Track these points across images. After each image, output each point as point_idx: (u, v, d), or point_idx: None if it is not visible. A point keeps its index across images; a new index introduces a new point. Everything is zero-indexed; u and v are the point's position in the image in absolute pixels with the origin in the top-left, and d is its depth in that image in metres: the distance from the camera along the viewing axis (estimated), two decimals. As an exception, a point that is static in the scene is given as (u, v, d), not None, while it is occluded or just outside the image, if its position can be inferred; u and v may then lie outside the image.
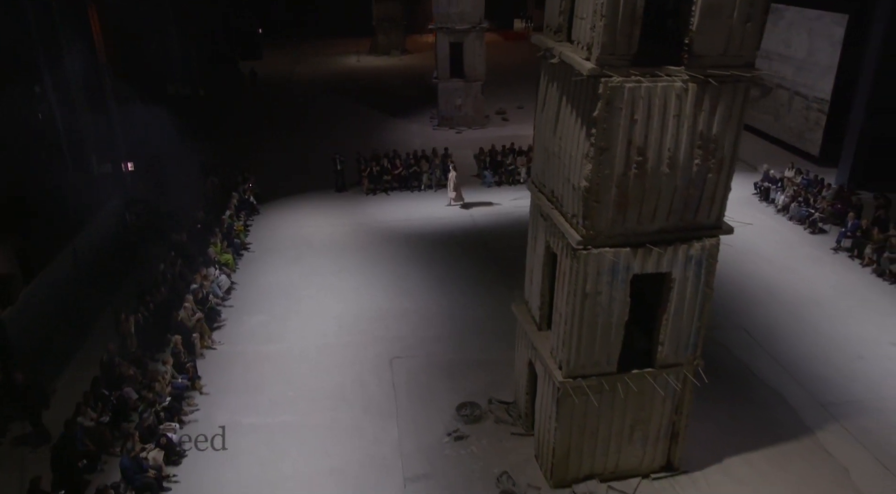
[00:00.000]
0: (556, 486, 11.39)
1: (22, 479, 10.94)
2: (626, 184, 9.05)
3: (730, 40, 8.54)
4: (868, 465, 12.00)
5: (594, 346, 10.16)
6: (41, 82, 18.16)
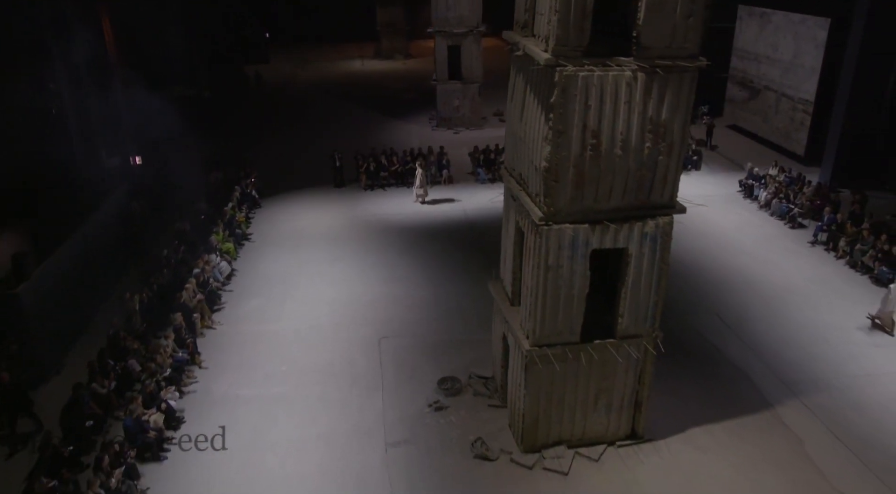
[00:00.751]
0: (526, 451, 12.22)
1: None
2: (582, 164, 9.93)
3: (674, 33, 9.42)
4: (821, 437, 12.77)
5: (558, 316, 11.02)
6: (56, 80, 19.27)
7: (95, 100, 20.53)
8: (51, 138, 17.43)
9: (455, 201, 24.23)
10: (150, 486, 11.55)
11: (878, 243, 18.64)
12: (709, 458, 12.27)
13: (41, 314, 14.00)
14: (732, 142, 30.78)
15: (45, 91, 18.64)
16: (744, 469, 12.02)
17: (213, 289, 17.26)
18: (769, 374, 14.61)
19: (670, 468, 12.05)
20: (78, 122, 18.80)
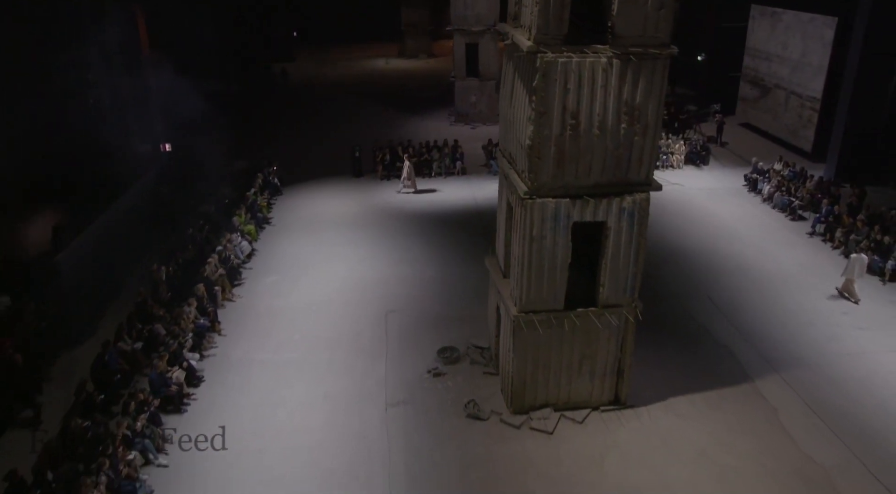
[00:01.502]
0: (515, 412, 13.19)
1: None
2: (563, 143, 10.90)
3: (646, 23, 10.35)
4: (796, 407, 13.53)
5: (542, 285, 11.99)
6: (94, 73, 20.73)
7: (129, 91, 21.95)
8: (88, 125, 18.83)
9: (467, 191, 25.24)
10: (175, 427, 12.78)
11: (872, 233, 19.24)
12: (686, 424, 13.12)
13: (76, 281, 15.33)
14: (743, 139, 31.33)
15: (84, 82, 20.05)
16: (719, 434, 12.84)
17: (233, 266, 18.51)
18: (752, 352, 15.38)
19: (649, 432, 12.92)
20: (113, 112, 20.22)
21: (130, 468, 11.26)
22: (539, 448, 12.51)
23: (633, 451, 12.43)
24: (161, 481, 11.71)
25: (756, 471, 11.89)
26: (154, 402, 12.83)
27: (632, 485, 11.61)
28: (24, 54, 16.21)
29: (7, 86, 15.55)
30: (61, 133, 17.17)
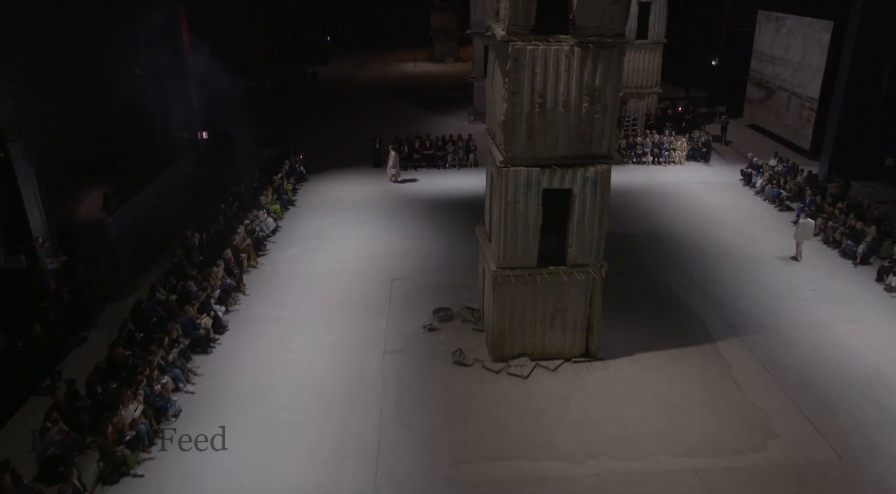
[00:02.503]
0: (495, 360, 15.00)
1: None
2: (532, 119, 12.75)
3: (603, 17, 12.16)
4: (749, 364, 15.08)
5: (517, 244, 13.82)
6: (141, 67, 23.23)
7: (172, 83, 24.41)
8: (136, 111, 21.28)
9: (477, 180, 27.10)
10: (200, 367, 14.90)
11: (848, 220, 20.59)
12: (648, 374, 14.77)
13: (122, 243, 17.64)
14: (748, 138, 32.63)
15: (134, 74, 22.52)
16: (675, 382, 14.48)
17: (259, 238, 20.70)
18: (719, 319, 16.94)
19: (613, 378, 14.62)
20: (158, 101, 22.65)
21: (163, 389, 13.38)
22: (513, 388, 14.31)
23: (596, 393, 14.14)
24: (188, 404, 13.80)
25: (702, 411, 13.51)
26: (184, 341, 14.96)
27: (590, 419, 13.33)
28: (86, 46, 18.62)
29: (72, 75, 17.98)
30: (114, 116, 19.60)
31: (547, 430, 13.03)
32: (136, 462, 11.94)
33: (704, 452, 12.42)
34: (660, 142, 29.31)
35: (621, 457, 12.30)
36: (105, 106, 19.04)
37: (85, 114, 18.08)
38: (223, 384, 14.54)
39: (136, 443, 12.10)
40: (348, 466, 12.13)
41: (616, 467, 12.09)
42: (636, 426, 13.12)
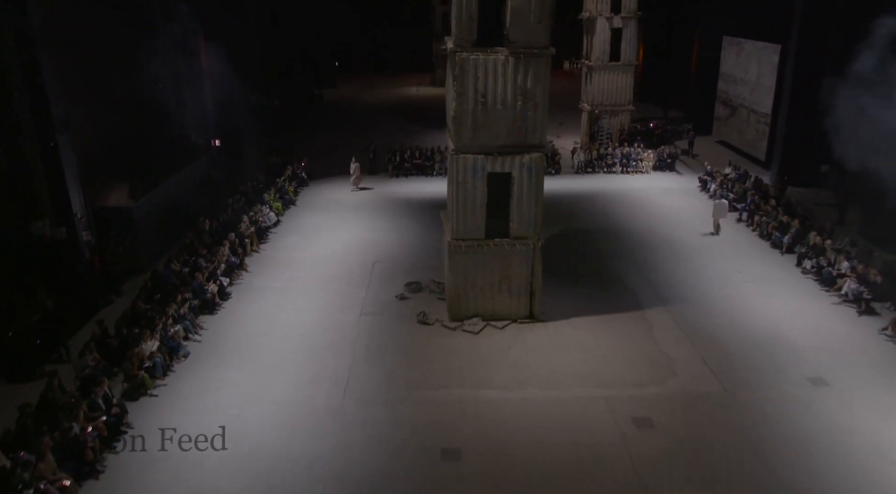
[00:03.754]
0: (452, 320, 17.82)
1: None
2: (476, 114, 15.79)
3: (531, 32, 15.24)
4: (667, 326, 17.78)
5: (467, 219, 16.76)
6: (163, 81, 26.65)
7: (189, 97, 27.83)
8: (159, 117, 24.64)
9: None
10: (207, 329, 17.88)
11: (778, 216, 23.37)
12: (580, 332, 17.53)
13: (144, 226, 20.79)
14: (715, 152, 35.49)
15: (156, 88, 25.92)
16: (601, 338, 17.22)
17: (261, 227, 23.81)
18: (651, 293, 19.70)
19: (550, 335, 17.39)
20: (176, 110, 26.03)
21: (175, 334, 16.35)
22: (465, 342, 17.13)
23: (533, 346, 16.90)
24: (195, 350, 16.69)
25: (618, 358, 16.25)
26: (195, 302, 17.97)
27: (524, 363, 16.09)
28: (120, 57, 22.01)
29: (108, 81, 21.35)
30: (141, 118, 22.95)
31: (487, 370, 15.82)
32: (152, 385, 14.87)
33: (614, 386, 15.16)
34: (628, 154, 32.28)
35: (544, 388, 15.06)
36: (133, 110, 22.38)
37: (117, 115, 21.38)
38: (225, 336, 17.50)
39: (154, 371, 15.05)
40: (322, 390, 14.99)
41: (539, 394, 14.85)
42: (561, 368, 15.87)
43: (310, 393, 14.88)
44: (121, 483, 12.18)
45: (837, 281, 19.26)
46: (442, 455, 12.94)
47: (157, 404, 14.58)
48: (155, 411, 14.30)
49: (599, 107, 35.04)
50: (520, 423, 13.88)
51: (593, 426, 13.77)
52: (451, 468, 12.66)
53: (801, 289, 19.91)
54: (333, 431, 13.64)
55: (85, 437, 12.25)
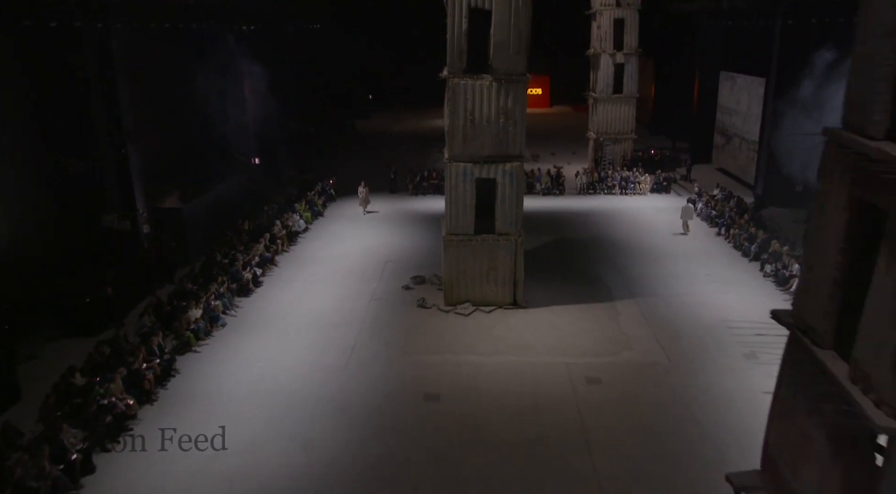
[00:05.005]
0: (446, 304, 20.91)
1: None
2: (466, 129, 19.14)
3: (510, 62, 18.62)
4: (632, 313, 20.59)
5: (459, 217, 19.99)
6: (212, 105, 30.80)
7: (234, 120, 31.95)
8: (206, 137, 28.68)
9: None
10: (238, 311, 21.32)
11: (748, 228, 26.07)
12: (555, 316, 20.46)
13: (192, 226, 24.53)
14: (712, 178, 38.12)
15: (206, 110, 30.06)
16: (573, 321, 20.11)
17: (292, 231, 27.40)
18: (625, 290, 22.53)
19: (528, 318, 20.35)
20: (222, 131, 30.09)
21: (216, 307, 19.81)
22: (456, 322, 20.21)
23: (514, 325, 19.88)
24: (231, 322, 20.12)
25: (584, 336, 19.12)
26: (233, 286, 21.46)
27: (503, 337, 19.07)
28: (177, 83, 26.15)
29: (166, 100, 25.46)
30: (192, 136, 26.96)
31: (472, 341, 18.87)
32: (196, 343, 18.28)
33: (575, 355, 18.05)
34: (627, 177, 35.28)
35: (516, 355, 18.03)
36: (187, 128, 26.43)
37: (173, 131, 25.44)
38: (255, 313, 20.91)
39: (198, 333, 18.48)
40: (331, 353, 18.21)
41: (512, 360, 17.82)
42: (534, 342, 18.82)
43: (321, 356, 18.12)
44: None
45: (790, 281, 21.85)
46: (424, 398, 16.01)
47: (199, 358, 17.98)
48: (197, 363, 17.70)
49: (604, 135, 38.20)
50: (491, 378, 16.88)
51: (552, 381, 16.69)
52: (430, 407, 15.70)
53: (757, 288, 22.53)
54: (338, 381, 16.82)
55: (144, 373, 15.66)
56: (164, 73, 24.98)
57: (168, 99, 25.57)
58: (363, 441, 14.36)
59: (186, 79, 26.51)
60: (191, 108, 26.93)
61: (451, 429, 14.80)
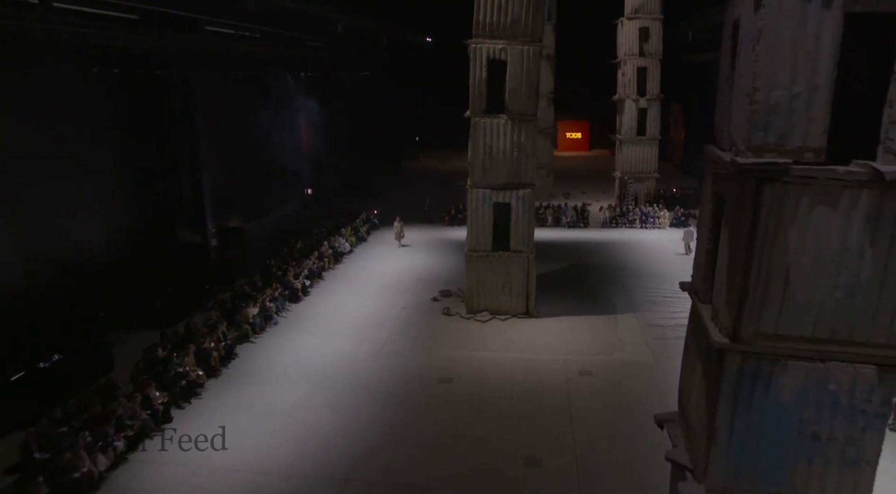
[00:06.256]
0: (468, 312, 23.97)
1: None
2: (485, 161, 22.48)
3: (523, 104, 21.99)
4: (632, 323, 23.27)
5: (479, 236, 23.19)
6: (272, 141, 35.14)
7: (290, 155, 36.22)
8: (266, 168, 32.89)
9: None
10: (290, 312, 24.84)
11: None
12: (562, 324, 23.28)
13: (251, 243, 28.42)
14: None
15: (266, 146, 34.39)
16: (576, 329, 22.90)
17: (337, 252, 31.06)
18: (628, 306, 25.20)
19: (538, 325, 23.22)
20: (281, 163, 34.32)
21: (270, 308, 23.36)
22: (474, 326, 23.24)
23: (523, 330, 22.78)
24: (283, 322, 23.62)
25: (584, 339, 21.89)
26: (286, 292, 25.05)
27: (513, 339, 21.99)
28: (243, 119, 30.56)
29: (233, 135, 29.79)
30: (254, 167, 31.16)
31: (485, 341, 21.86)
32: (252, 336, 21.79)
33: (573, 353, 20.83)
34: (647, 212, 37.98)
35: (522, 353, 20.91)
36: (250, 160, 30.64)
37: (238, 162, 29.63)
38: (303, 316, 24.40)
39: (254, 327, 22.01)
40: (364, 347, 21.44)
41: (517, 356, 20.70)
42: (539, 343, 21.68)
43: (356, 348, 21.39)
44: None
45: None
46: (439, 381, 19.05)
47: (255, 347, 21.46)
48: (253, 350, 21.17)
49: (628, 174, 41.11)
50: (498, 369, 19.81)
51: (549, 372, 19.51)
52: (443, 388, 18.71)
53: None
54: (369, 367, 20.02)
55: (211, 351, 19.17)
56: (233, 112, 29.38)
57: (236, 134, 29.89)
58: (384, 409, 17.46)
59: (252, 117, 30.87)
60: (254, 143, 31.20)
61: (457, 404, 17.76)
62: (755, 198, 8.37)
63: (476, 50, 21.90)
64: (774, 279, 8.54)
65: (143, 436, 15.52)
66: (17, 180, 18.99)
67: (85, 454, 13.83)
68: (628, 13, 39.25)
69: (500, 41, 21.66)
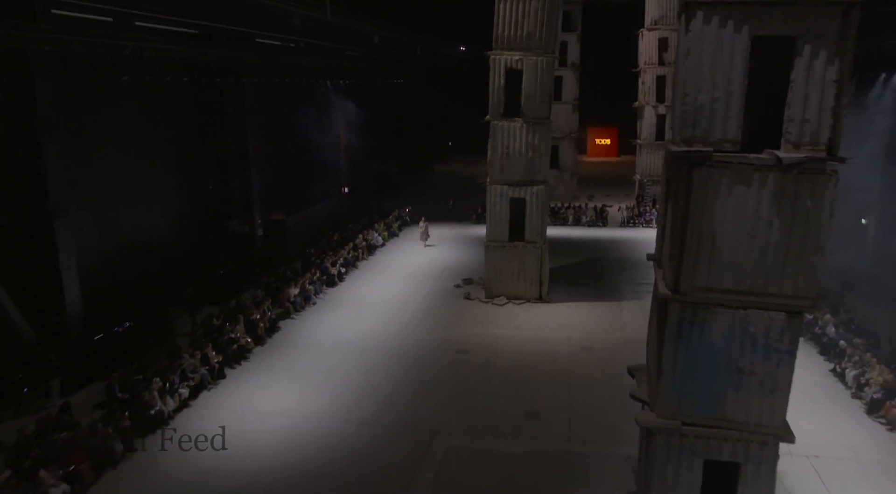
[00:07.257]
0: (486, 297, 26.44)
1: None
2: (503, 160, 24.99)
3: (537, 108, 24.46)
4: (634, 308, 25.43)
5: (497, 228, 25.69)
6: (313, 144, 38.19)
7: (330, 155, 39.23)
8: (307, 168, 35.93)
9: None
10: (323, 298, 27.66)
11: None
12: (571, 309, 25.61)
13: (292, 233, 31.40)
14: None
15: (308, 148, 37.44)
16: (584, 313, 25.21)
17: (371, 245, 33.87)
18: (633, 294, 27.39)
19: (550, 309, 25.58)
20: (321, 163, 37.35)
21: (309, 290, 26.19)
22: (492, 309, 25.72)
23: (536, 313, 25.19)
24: (320, 303, 26.41)
25: (589, 322, 24.21)
26: (323, 278, 27.89)
27: (526, 320, 24.42)
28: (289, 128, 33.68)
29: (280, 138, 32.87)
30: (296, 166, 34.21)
31: (500, 321, 24.34)
32: (293, 313, 24.63)
33: (576, 331, 23.17)
34: (664, 212, 39.95)
35: (534, 330, 23.34)
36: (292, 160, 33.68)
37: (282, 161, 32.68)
38: (338, 298, 27.22)
39: (295, 305, 24.86)
40: (392, 324, 24.09)
41: (529, 333, 23.15)
42: (549, 323, 24.08)
43: (385, 325, 24.07)
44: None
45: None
46: (456, 351, 21.60)
47: (295, 323, 24.28)
48: (294, 325, 23.99)
49: (647, 176, 43.15)
50: (509, 343, 22.28)
51: (554, 347, 21.91)
52: (459, 357, 21.26)
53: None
54: (395, 340, 22.66)
55: (257, 322, 22.05)
56: (279, 116, 32.46)
57: (281, 135, 32.98)
58: (408, 372, 20.09)
59: (296, 121, 33.96)
60: (298, 144, 34.28)
61: (470, 370, 20.30)
62: (687, 179, 10.80)
63: (495, 60, 24.48)
64: (704, 243, 10.94)
65: (202, 387, 18.40)
66: (97, 176, 22.17)
67: (157, 396, 16.73)
68: (648, 24, 41.39)
69: (517, 53, 24.21)
